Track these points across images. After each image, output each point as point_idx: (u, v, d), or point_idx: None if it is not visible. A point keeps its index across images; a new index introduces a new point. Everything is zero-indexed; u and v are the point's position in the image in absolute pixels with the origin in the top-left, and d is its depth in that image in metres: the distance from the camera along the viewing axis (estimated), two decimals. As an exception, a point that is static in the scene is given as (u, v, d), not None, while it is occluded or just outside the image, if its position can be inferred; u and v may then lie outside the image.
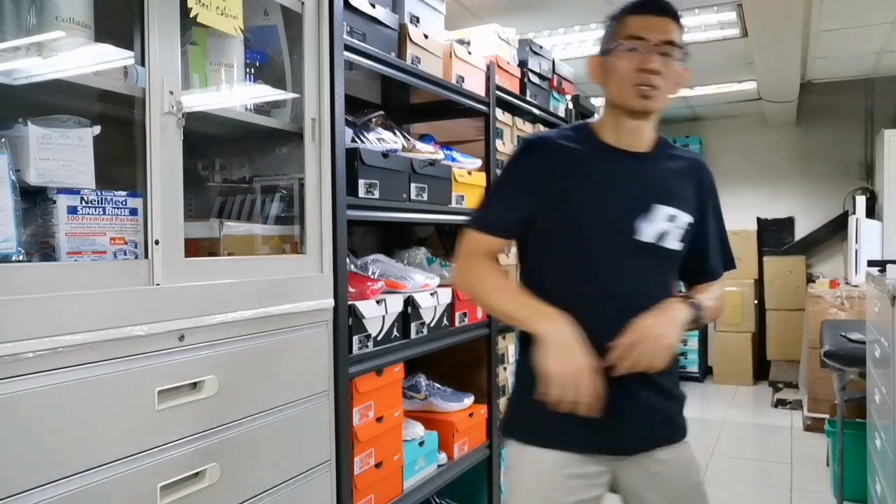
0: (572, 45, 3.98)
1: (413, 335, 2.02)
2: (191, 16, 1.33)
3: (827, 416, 3.79)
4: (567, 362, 1.15)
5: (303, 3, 1.62)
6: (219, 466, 1.36)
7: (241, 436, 1.42)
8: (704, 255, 1.39)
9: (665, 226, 1.28)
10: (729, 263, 1.45)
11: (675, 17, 1.27)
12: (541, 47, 3.06)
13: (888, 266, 2.55)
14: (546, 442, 1.28)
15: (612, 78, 1.29)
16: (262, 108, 1.65)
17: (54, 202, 1.17)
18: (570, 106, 3.37)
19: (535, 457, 1.29)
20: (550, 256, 1.31)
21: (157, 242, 1.25)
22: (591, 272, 1.27)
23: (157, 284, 1.24)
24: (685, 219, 1.31)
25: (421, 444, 2.11)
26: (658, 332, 1.18)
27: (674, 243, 1.29)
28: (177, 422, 1.27)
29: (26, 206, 1.16)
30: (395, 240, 2.65)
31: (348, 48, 1.75)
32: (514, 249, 1.42)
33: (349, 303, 1.75)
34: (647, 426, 1.30)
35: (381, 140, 1.98)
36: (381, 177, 1.89)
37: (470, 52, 2.43)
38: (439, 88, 2.21)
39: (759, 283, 5.78)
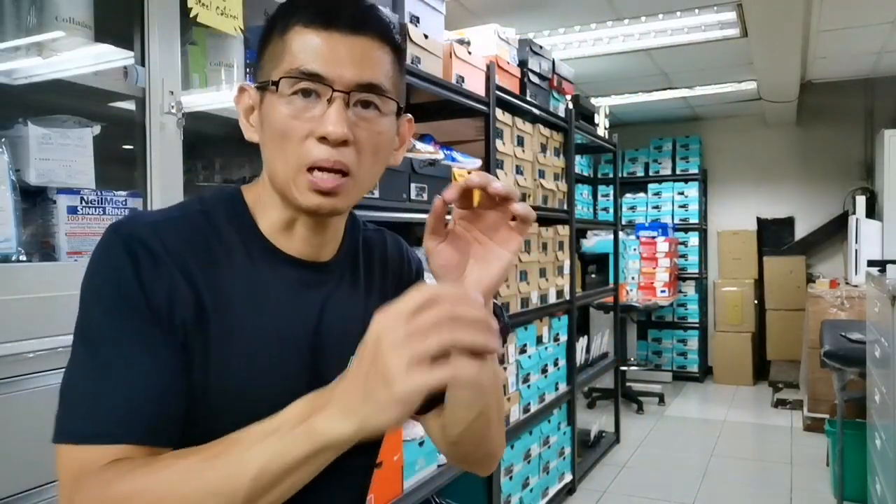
0: (572, 45, 3.99)
1: (413, 335, 2.01)
2: (191, 16, 1.33)
3: (827, 416, 3.79)
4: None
5: (303, 3, 1.62)
6: (219, 466, 1.35)
7: (241, 436, 1.42)
8: None
9: None
10: None
11: (384, 34, 0.71)
12: (541, 47, 3.06)
13: (888, 266, 2.56)
14: None
15: (268, 138, 0.72)
16: (263, 108, 1.65)
17: (54, 202, 1.17)
18: (570, 106, 3.37)
19: None
20: None
21: (156, 242, 1.25)
22: None
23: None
24: None
25: (421, 444, 2.11)
26: None
27: None
28: (177, 422, 1.27)
29: (26, 206, 1.16)
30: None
31: (348, 48, 1.75)
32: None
33: (349, 303, 1.74)
34: None
35: (381, 140, 1.98)
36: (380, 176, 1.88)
37: (470, 52, 2.43)
38: (439, 88, 2.21)
39: (759, 283, 5.78)
